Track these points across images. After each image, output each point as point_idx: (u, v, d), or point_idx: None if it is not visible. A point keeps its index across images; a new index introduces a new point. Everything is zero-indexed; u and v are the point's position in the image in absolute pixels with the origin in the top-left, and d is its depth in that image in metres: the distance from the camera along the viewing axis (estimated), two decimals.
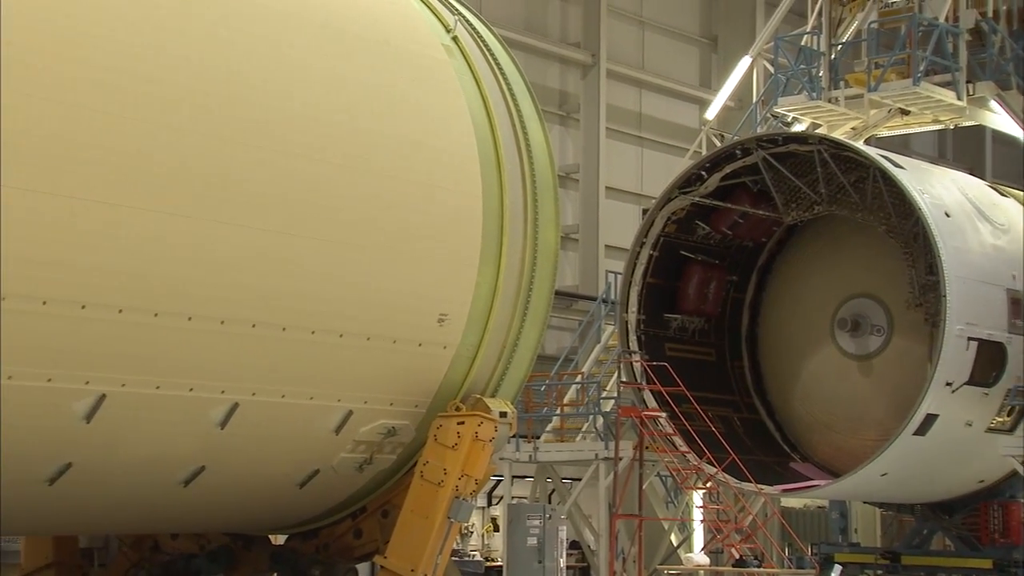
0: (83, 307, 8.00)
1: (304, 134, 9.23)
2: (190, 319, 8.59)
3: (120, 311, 8.19)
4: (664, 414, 18.18)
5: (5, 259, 7.64)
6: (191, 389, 8.81)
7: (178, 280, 8.49)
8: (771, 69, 22.47)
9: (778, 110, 21.67)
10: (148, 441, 8.83)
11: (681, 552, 20.71)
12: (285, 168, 9.06)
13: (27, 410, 8.04)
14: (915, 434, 16.48)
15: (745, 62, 23.86)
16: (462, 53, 10.89)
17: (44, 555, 11.26)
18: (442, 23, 10.96)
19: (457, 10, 11.29)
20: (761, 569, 18.26)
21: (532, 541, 12.45)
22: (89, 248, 8.02)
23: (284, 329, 9.16)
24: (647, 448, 18.38)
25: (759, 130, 21.40)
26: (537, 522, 12.43)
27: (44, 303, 7.83)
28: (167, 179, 8.37)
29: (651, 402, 18.41)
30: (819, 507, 24.69)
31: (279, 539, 11.48)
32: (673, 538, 20.77)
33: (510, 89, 11.16)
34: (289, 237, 9.08)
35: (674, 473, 18.41)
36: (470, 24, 11.28)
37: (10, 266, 7.67)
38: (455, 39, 10.92)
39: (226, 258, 8.73)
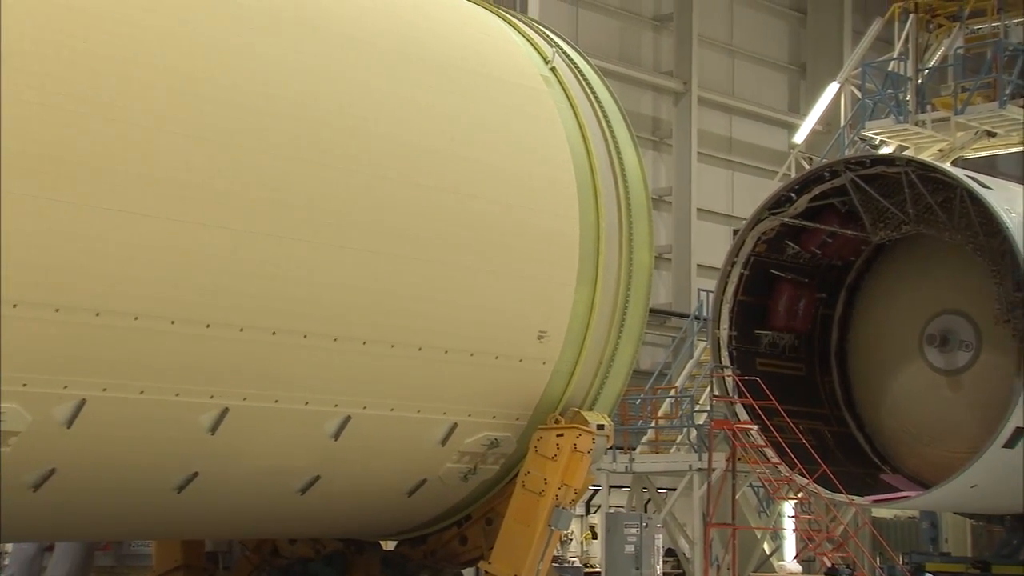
0: (207, 326, 8.16)
1: (411, 163, 9.32)
2: (306, 337, 8.70)
3: (241, 330, 8.33)
4: (756, 427, 18.02)
5: (141, 284, 7.81)
6: (307, 403, 8.92)
7: (295, 301, 8.62)
8: (858, 94, 22.25)
9: (866, 133, 21.45)
10: (267, 452, 8.95)
11: (774, 560, 20.49)
12: (394, 195, 9.16)
13: (157, 422, 8.22)
14: (1004, 447, 16.16)
15: (833, 88, 23.65)
16: (560, 83, 10.92)
17: (174, 558, 11.44)
18: (541, 55, 11.00)
19: (555, 42, 11.33)
20: None
21: (629, 548, 12.38)
22: (214, 271, 8.18)
23: (393, 346, 9.24)
24: (739, 460, 18.23)
25: (847, 153, 21.17)
26: (634, 530, 12.37)
27: (172, 322, 7.99)
28: (287, 207, 8.51)
29: (743, 415, 18.26)
30: (910, 517, 24.26)
31: (389, 545, 11.54)
32: (766, 546, 20.55)
33: (606, 116, 11.16)
34: (398, 260, 9.17)
35: (766, 484, 18.22)
36: (567, 55, 11.31)
37: (144, 288, 7.84)
38: (553, 70, 10.96)
39: (340, 280, 8.84)
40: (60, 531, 10.02)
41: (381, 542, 11.56)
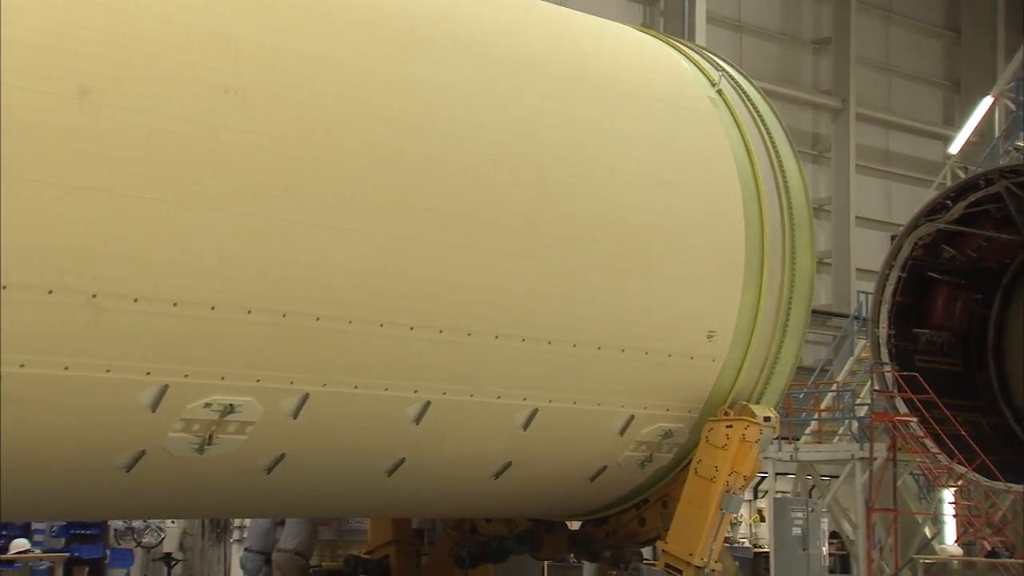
0: (411, 329, 8.30)
1: (591, 180, 9.34)
2: (497, 338, 8.79)
3: (440, 332, 8.46)
4: (915, 419, 17.51)
5: (354, 292, 7.98)
6: (499, 396, 9.01)
7: (489, 306, 8.73)
8: (1012, 107, 21.42)
9: (1020, 143, 20.63)
10: (465, 440, 9.06)
11: (935, 543, 19.85)
12: (578, 210, 9.19)
13: (369, 414, 8.40)
14: None
15: (987, 101, 22.84)
16: (726, 103, 10.79)
17: (385, 534, 11.70)
18: (708, 78, 10.89)
19: (721, 66, 11.22)
20: (1013, 560, 17.31)
21: (796, 531, 12.15)
22: (418, 281, 8.30)
23: (575, 346, 9.26)
24: (900, 449, 17.73)
25: (1002, 162, 20.41)
26: (801, 514, 12.13)
27: (381, 326, 8.15)
28: (482, 223, 8.60)
29: (902, 408, 17.78)
30: None
31: (574, 525, 11.58)
32: (927, 530, 19.92)
33: (768, 133, 10.99)
34: (579, 268, 9.20)
35: (926, 472, 17.68)
36: (732, 78, 11.19)
37: (357, 296, 8.01)
38: (719, 92, 10.84)
39: (529, 288, 8.90)
40: (290, 508, 10.35)
41: (567, 522, 11.60)
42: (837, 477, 19.44)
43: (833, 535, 19.94)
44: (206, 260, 7.30)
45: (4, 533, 18.51)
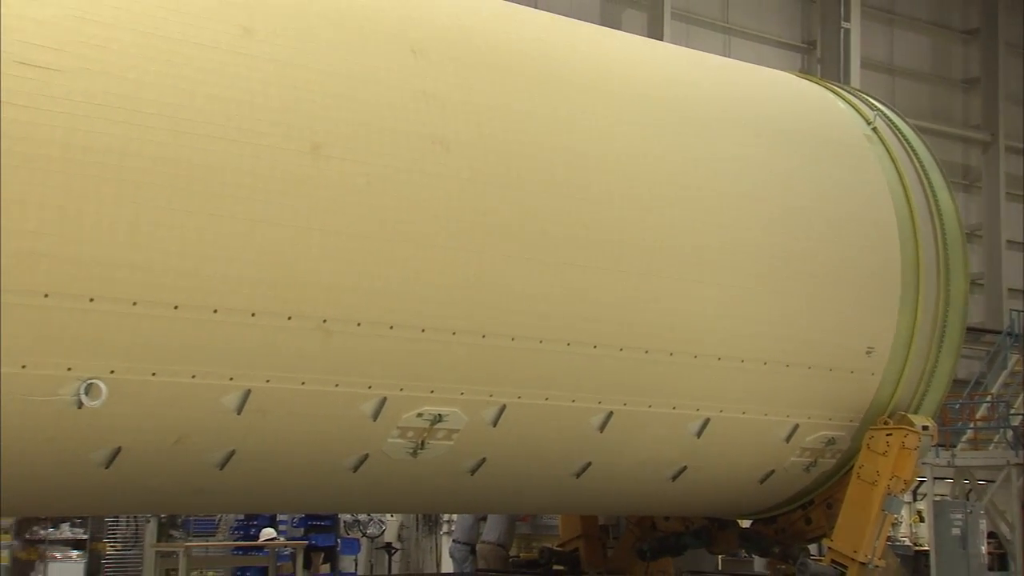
0: (594, 347, 8.24)
1: (758, 212, 9.14)
2: (672, 355, 8.66)
3: (621, 350, 8.37)
4: None
5: (541, 314, 7.98)
6: (674, 407, 8.87)
7: (665, 327, 8.61)
8: None
9: None
10: (644, 446, 8.94)
11: None
12: (745, 239, 9.00)
13: (559, 422, 8.38)
14: None
15: None
16: (880, 140, 10.47)
17: (575, 529, 11.65)
18: (863, 117, 10.60)
19: (876, 106, 10.90)
20: None
21: (956, 531, 11.55)
22: (599, 305, 8.24)
23: (743, 361, 9.06)
24: None
25: None
26: (959, 515, 11.54)
27: (568, 344, 8.12)
28: (664, 252, 8.48)
29: None
30: None
31: (746, 522, 11.30)
32: None
33: (922, 165, 10.58)
34: (747, 291, 9.00)
35: None
36: (887, 116, 10.84)
37: (545, 320, 7.98)
38: (875, 129, 10.53)
39: (701, 309, 8.74)
40: (491, 505, 10.41)
41: (739, 520, 11.32)
42: (993, 482, 18.49)
43: (990, 535, 18.92)
44: (418, 289, 7.41)
45: (255, 523, 19.28)
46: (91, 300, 6.29)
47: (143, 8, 6.65)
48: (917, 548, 21.98)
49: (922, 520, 23.36)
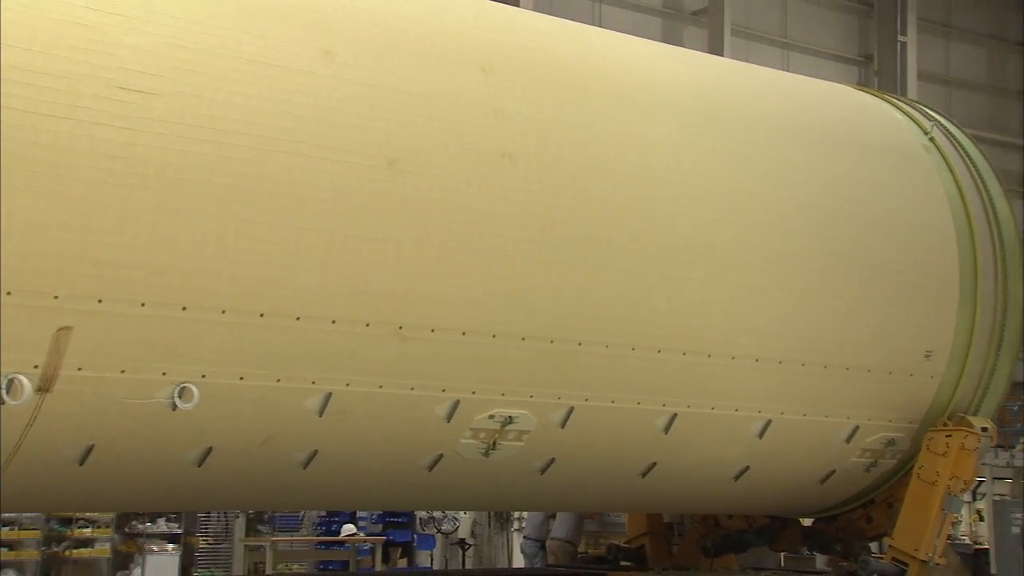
0: (659, 351, 8.19)
1: (813, 219, 9.00)
2: (734, 358, 8.56)
3: (684, 354, 8.32)
4: None
5: (607, 319, 7.92)
6: (736, 409, 8.76)
7: (727, 332, 8.52)
8: None
9: None
10: (708, 447, 8.85)
11: None
12: (805, 246, 8.87)
13: (625, 424, 8.33)
14: None
15: None
16: (938, 149, 10.26)
17: (641, 526, 11.56)
18: (921, 128, 10.40)
19: (932, 116, 10.68)
20: None
21: (1015, 530, 11.23)
22: (662, 311, 8.19)
23: (803, 365, 8.92)
24: None
25: None
26: (1019, 515, 11.22)
27: (633, 349, 8.07)
28: (726, 259, 8.39)
29: None
30: None
31: (807, 522, 11.11)
32: None
33: (979, 173, 10.34)
34: (810, 298, 8.87)
35: None
36: (944, 126, 10.62)
37: (607, 324, 7.93)
38: (931, 139, 10.32)
39: (763, 315, 8.64)
40: (560, 503, 10.36)
41: (801, 519, 11.14)
42: None
43: None
44: (489, 296, 7.42)
45: (336, 520, 19.47)
46: (183, 309, 6.41)
47: (231, 34, 6.77)
48: (976, 546, 21.45)
49: (982, 519, 22.79)
